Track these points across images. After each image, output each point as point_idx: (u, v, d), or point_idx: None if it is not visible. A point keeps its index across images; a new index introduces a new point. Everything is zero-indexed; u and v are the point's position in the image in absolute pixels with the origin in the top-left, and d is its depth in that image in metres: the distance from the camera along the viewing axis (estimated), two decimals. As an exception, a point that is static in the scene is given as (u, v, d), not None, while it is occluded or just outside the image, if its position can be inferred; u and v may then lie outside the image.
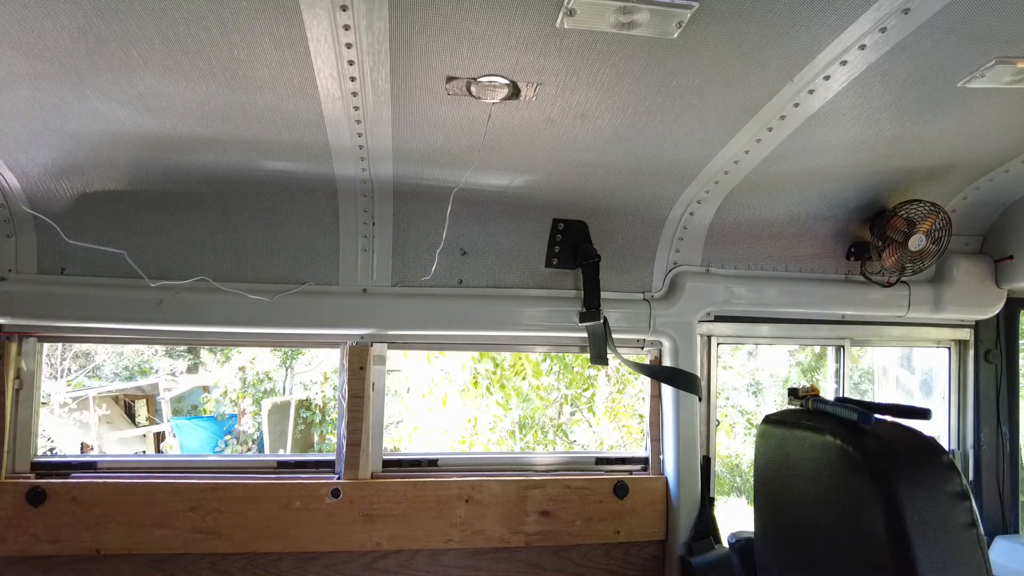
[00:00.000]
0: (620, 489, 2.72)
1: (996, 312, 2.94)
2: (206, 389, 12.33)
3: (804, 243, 2.77)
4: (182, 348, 13.55)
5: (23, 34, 1.54)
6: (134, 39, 1.57)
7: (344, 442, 2.61)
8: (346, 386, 2.61)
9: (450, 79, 1.75)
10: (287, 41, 1.59)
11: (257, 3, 1.46)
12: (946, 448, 2.52)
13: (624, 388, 7.32)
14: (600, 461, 2.87)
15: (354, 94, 1.82)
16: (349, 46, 1.61)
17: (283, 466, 2.67)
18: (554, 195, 2.50)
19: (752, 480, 2.17)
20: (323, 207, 2.46)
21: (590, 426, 7.49)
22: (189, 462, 2.71)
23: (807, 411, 1.97)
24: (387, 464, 2.71)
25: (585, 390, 7.38)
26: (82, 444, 10.80)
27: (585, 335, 2.65)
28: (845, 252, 2.81)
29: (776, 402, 10.14)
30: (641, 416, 7.00)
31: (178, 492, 2.45)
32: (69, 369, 12.76)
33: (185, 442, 10.81)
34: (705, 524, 2.71)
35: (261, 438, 10.66)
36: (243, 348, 10.76)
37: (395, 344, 2.73)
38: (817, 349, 8.59)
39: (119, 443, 11.32)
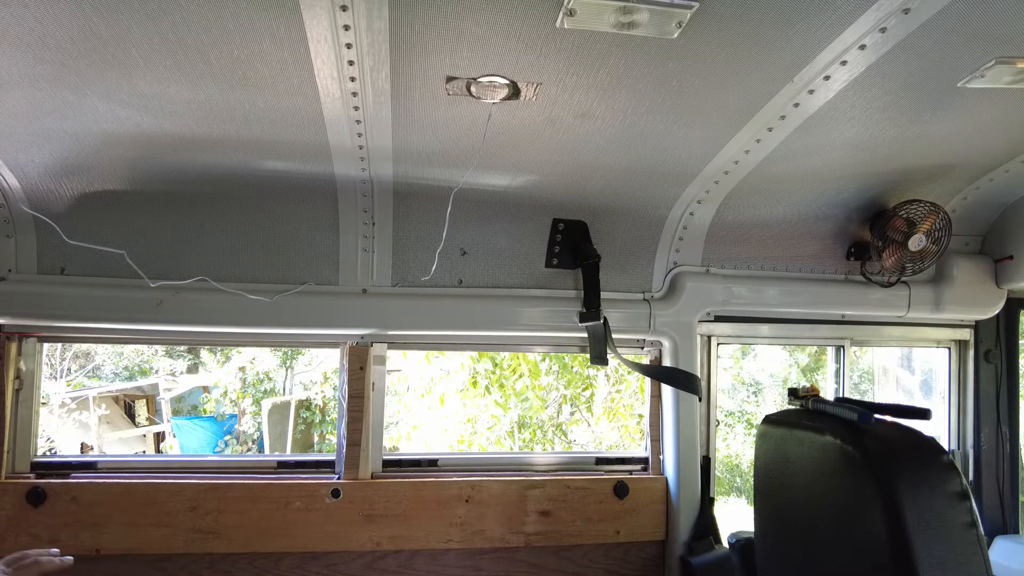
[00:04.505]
0: (620, 489, 2.72)
1: (996, 312, 2.94)
2: (206, 389, 12.34)
3: (804, 243, 2.77)
4: (182, 348, 13.56)
5: (23, 34, 1.54)
6: (134, 39, 1.57)
7: (344, 442, 2.61)
8: (346, 386, 2.61)
9: (450, 79, 1.75)
10: (287, 41, 1.59)
11: (257, 3, 1.46)
12: (946, 448, 2.53)
13: (623, 388, 7.32)
14: (600, 461, 2.87)
15: (354, 94, 1.82)
16: (349, 46, 1.61)
17: (283, 466, 2.67)
18: (554, 195, 2.50)
19: (752, 480, 2.17)
20: (323, 207, 2.46)
21: (589, 426, 7.49)
22: (189, 462, 2.71)
23: (807, 411, 1.98)
24: (387, 464, 2.71)
25: (584, 390, 7.39)
26: (82, 444, 10.81)
27: (585, 335, 2.65)
28: (845, 252, 2.81)
29: (776, 403, 10.13)
30: (640, 416, 7.00)
31: (178, 492, 2.45)
32: (69, 369, 12.76)
33: (185, 442, 10.81)
34: (705, 524, 2.71)
35: (261, 438, 10.66)
36: (243, 348, 10.76)
37: (395, 344, 2.73)
38: (815, 349, 8.60)
39: (119, 443, 11.32)
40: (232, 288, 2.40)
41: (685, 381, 2.50)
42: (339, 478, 2.60)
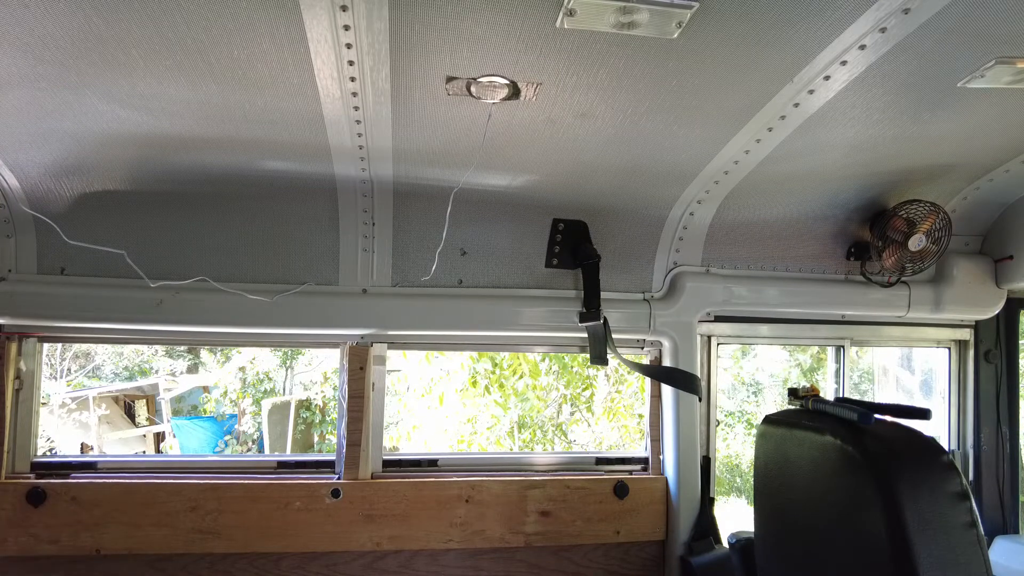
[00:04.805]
0: (620, 489, 2.72)
1: (996, 312, 2.94)
2: (206, 389, 12.33)
3: (804, 243, 2.77)
4: (182, 348, 13.56)
5: (23, 34, 1.54)
6: (134, 39, 1.57)
7: (344, 442, 2.61)
8: (346, 386, 2.61)
9: (450, 79, 1.75)
10: (287, 41, 1.59)
11: (257, 3, 1.46)
12: (946, 448, 2.53)
13: (623, 388, 7.32)
14: (600, 461, 2.87)
15: (354, 94, 1.82)
16: (349, 46, 1.61)
17: (283, 466, 2.67)
18: (554, 195, 2.50)
19: (752, 480, 2.17)
20: (323, 207, 2.46)
21: (589, 426, 7.49)
22: (189, 462, 2.71)
23: (807, 411, 1.98)
24: (387, 464, 2.71)
25: (584, 390, 7.39)
26: (82, 444, 10.81)
27: (585, 335, 2.65)
28: (845, 252, 2.81)
29: (776, 403, 10.11)
30: (640, 416, 7.00)
31: (178, 492, 2.45)
32: (69, 369, 12.76)
33: (185, 442, 10.81)
34: (705, 524, 2.71)
35: (261, 438, 10.66)
36: (243, 348, 10.76)
37: (395, 344, 2.73)
38: (816, 349, 8.60)
39: (119, 443, 11.32)
40: (232, 288, 2.40)
41: (685, 381, 2.50)
42: (339, 478, 2.60)
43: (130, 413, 12.26)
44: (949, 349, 3.12)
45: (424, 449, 7.55)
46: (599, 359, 2.62)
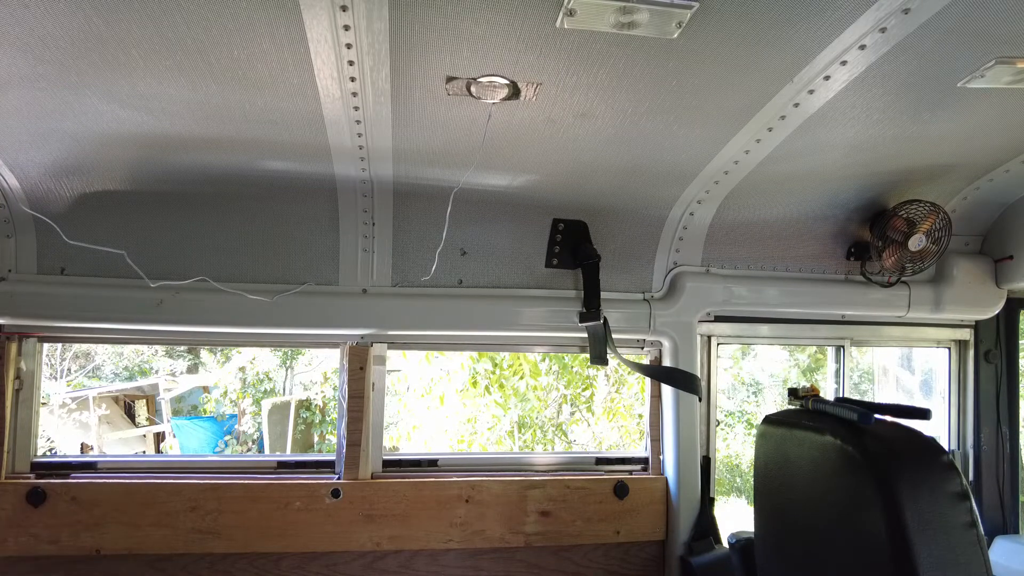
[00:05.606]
0: (620, 489, 2.72)
1: (996, 312, 2.94)
2: (206, 389, 12.34)
3: (804, 243, 2.77)
4: (182, 348, 13.57)
5: (23, 34, 1.54)
6: (134, 39, 1.57)
7: (344, 442, 2.61)
8: (346, 386, 2.61)
9: (450, 79, 1.75)
10: (287, 41, 1.59)
11: (257, 3, 1.46)
12: (946, 448, 2.53)
13: (621, 388, 7.32)
14: (600, 461, 2.87)
15: (354, 94, 1.82)
16: (349, 46, 1.61)
17: (283, 466, 2.67)
18: (554, 195, 2.50)
19: (752, 480, 2.17)
20: (323, 207, 2.46)
21: (589, 426, 7.49)
22: (189, 462, 2.71)
23: (807, 411, 1.98)
24: (387, 464, 2.71)
25: (584, 390, 7.39)
26: (82, 444, 10.81)
27: (585, 335, 2.65)
28: (845, 252, 2.81)
29: (776, 403, 10.10)
30: (640, 416, 7.00)
31: (178, 492, 2.45)
32: (69, 369, 12.77)
33: (185, 442, 10.81)
34: (705, 524, 2.71)
35: (261, 438, 10.66)
36: (243, 348, 10.76)
37: (395, 344, 2.73)
38: (815, 349, 8.59)
39: (119, 443, 11.32)
40: (232, 288, 2.40)
41: (685, 381, 2.50)
42: (339, 478, 2.60)
43: (130, 413, 12.26)
44: (949, 349, 3.12)
45: (424, 449, 7.55)
46: (599, 359, 2.62)
